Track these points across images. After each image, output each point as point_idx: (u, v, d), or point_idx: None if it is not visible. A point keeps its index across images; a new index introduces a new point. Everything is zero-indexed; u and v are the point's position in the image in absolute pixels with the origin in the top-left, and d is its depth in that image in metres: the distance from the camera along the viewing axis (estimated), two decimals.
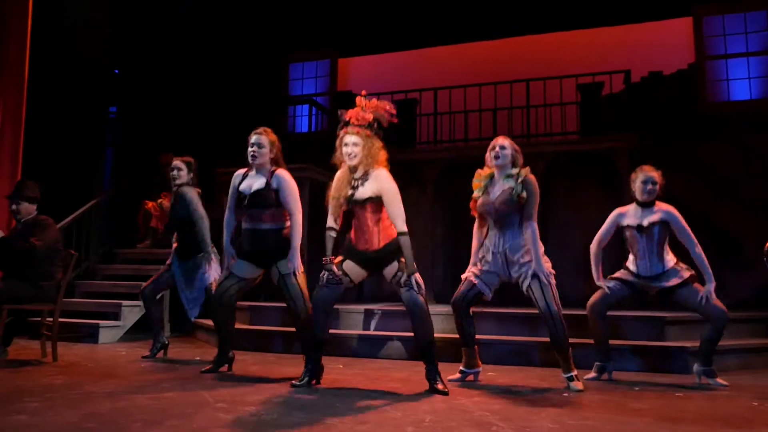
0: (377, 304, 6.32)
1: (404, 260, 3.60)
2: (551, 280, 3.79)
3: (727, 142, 7.56)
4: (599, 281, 4.23)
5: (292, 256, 3.95)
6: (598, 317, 4.16)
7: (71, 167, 8.61)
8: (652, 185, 4.12)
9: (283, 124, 9.72)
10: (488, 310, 5.37)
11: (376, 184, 3.65)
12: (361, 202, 3.67)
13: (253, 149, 4.05)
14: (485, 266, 3.97)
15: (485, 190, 3.98)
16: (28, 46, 6.73)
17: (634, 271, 4.18)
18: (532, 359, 4.91)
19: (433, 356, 3.68)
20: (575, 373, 3.83)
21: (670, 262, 4.10)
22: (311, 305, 3.81)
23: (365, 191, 3.67)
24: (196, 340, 6.60)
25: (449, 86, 8.52)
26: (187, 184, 5.10)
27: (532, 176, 3.88)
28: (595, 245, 4.30)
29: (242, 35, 9.85)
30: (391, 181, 3.66)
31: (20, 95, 6.64)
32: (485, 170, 4.03)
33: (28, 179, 5.29)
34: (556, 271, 3.86)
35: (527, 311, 5.05)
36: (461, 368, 4.08)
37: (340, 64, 10.20)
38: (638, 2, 8.54)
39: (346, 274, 3.75)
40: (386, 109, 3.78)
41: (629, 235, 4.19)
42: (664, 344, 4.78)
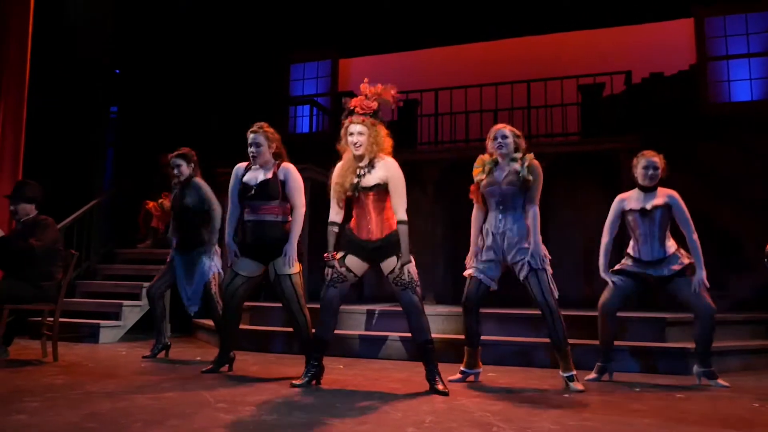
0: (378, 304, 6.32)
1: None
2: (547, 267, 3.81)
3: (727, 142, 7.57)
4: (604, 273, 4.21)
5: (289, 247, 3.94)
6: (608, 317, 4.15)
7: (72, 167, 8.62)
8: (653, 170, 4.12)
9: (283, 124, 9.72)
10: (489, 310, 5.36)
11: (384, 171, 3.65)
12: (367, 189, 3.66)
13: (252, 149, 4.05)
14: (484, 256, 3.96)
15: (490, 172, 3.99)
16: (29, 46, 6.74)
17: (635, 256, 4.15)
18: (533, 360, 4.90)
19: (432, 356, 3.67)
20: (574, 372, 3.83)
21: (671, 248, 4.09)
22: (320, 306, 3.79)
23: (372, 178, 3.66)
24: (196, 340, 6.60)
25: (450, 87, 8.53)
26: (193, 176, 5.04)
27: (536, 162, 3.91)
28: (606, 236, 4.26)
29: (243, 35, 9.87)
30: (399, 169, 3.67)
31: (21, 95, 6.65)
32: (487, 156, 4.05)
33: (29, 179, 5.28)
34: (555, 271, 3.86)
35: (528, 312, 5.04)
36: (462, 368, 4.08)
37: (341, 64, 10.23)
38: (639, 3, 8.55)
39: (349, 270, 3.74)
40: (391, 94, 3.77)
41: (631, 219, 4.17)
42: (665, 345, 4.77)
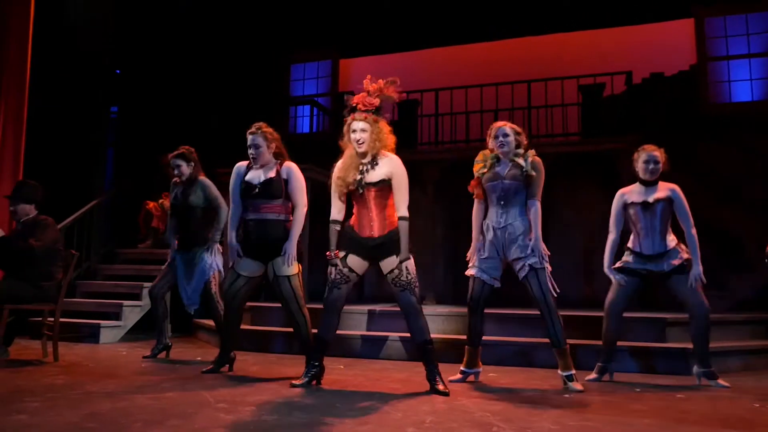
0: (378, 304, 6.32)
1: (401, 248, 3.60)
2: (546, 264, 3.81)
3: (728, 143, 7.56)
4: (607, 270, 4.21)
5: (289, 245, 3.93)
6: (614, 317, 4.16)
7: (72, 167, 8.62)
8: (654, 164, 4.13)
9: (284, 124, 9.72)
10: (489, 310, 5.33)
11: (388, 167, 3.66)
12: (370, 185, 3.66)
13: (251, 151, 4.05)
14: (484, 253, 3.96)
15: (491, 167, 4.00)
16: (29, 46, 6.74)
17: (636, 250, 4.15)
18: (533, 360, 4.90)
19: (432, 356, 3.67)
20: (573, 372, 3.83)
21: (671, 242, 4.10)
22: (323, 306, 3.80)
23: (376, 174, 3.67)
24: (197, 340, 6.60)
25: (451, 87, 8.53)
26: (196, 175, 5.00)
27: (538, 158, 3.94)
28: (612, 232, 4.25)
29: (244, 36, 9.86)
30: (402, 166, 3.69)
31: (22, 95, 6.66)
32: (488, 151, 4.06)
33: (29, 179, 5.28)
34: (556, 271, 3.86)
35: (529, 312, 5.04)
36: (462, 368, 4.08)
37: (341, 64, 10.23)
38: (639, 3, 8.54)
39: (351, 270, 3.75)
40: (393, 89, 3.76)
41: (633, 212, 4.17)
42: (665, 345, 4.77)
